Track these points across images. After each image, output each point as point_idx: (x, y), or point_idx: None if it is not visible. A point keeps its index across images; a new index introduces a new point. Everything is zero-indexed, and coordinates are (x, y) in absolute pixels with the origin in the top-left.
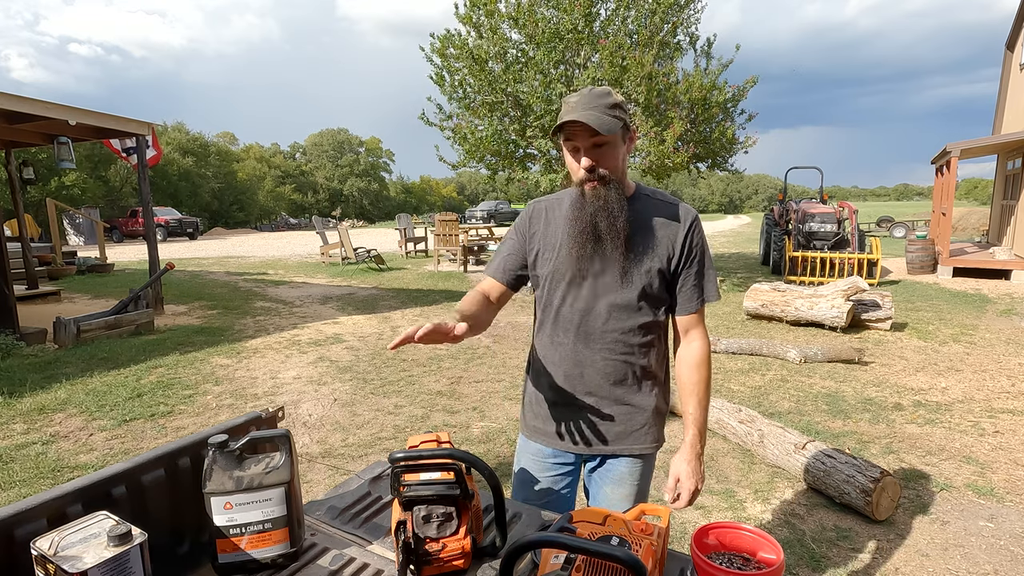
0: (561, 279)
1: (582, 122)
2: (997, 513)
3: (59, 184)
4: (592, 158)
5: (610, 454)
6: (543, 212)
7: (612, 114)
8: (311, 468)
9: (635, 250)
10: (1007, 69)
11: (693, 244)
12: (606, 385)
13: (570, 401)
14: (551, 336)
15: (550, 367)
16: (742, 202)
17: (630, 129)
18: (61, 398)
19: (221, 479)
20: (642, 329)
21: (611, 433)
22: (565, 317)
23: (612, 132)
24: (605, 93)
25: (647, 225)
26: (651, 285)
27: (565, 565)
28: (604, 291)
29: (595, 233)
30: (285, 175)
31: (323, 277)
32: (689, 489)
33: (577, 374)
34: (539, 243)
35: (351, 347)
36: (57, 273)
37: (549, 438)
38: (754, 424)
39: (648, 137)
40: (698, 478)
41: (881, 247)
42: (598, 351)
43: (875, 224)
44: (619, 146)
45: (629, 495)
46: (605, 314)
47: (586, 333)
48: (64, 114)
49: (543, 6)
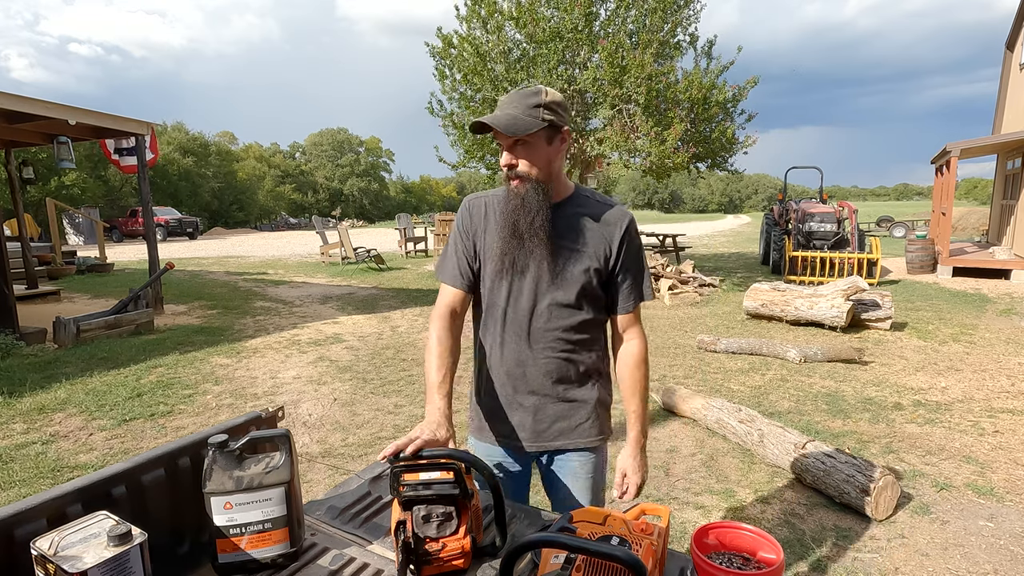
0: (501, 278)
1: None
2: (997, 513)
3: (59, 184)
4: (513, 155)
5: (556, 450)
6: (482, 207)
7: (532, 114)
8: (311, 468)
9: (572, 250)
10: (1007, 69)
11: (629, 245)
12: (548, 383)
13: (514, 400)
14: (493, 335)
15: (493, 366)
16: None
17: (560, 129)
18: (61, 398)
19: (221, 479)
20: (582, 327)
21: (556, 429)
22: (508, 317)
23: (520, 133)
24: (533, 93)
25: (583, 226)
26: (590, 284)
27: (565, 565)
28: (544, 290)
29: (516, 231)
30: (285, 175)
31: (323, 277)
32: (635, 483)
33: (520, 373)
34: (482, 241)
35: (351, 347)
36: (57, 273)
37: (497, 437)
38: (754, 424)
39: (649, 137)
40: (643, 472)
41: (881, 247)
42: (540, 350)
43: (875, 224)
44: (541, 146)
45: (585, 487)
46: (546, 313)
47: (527, 332)
48: (64, 114)
49: (544, 6)
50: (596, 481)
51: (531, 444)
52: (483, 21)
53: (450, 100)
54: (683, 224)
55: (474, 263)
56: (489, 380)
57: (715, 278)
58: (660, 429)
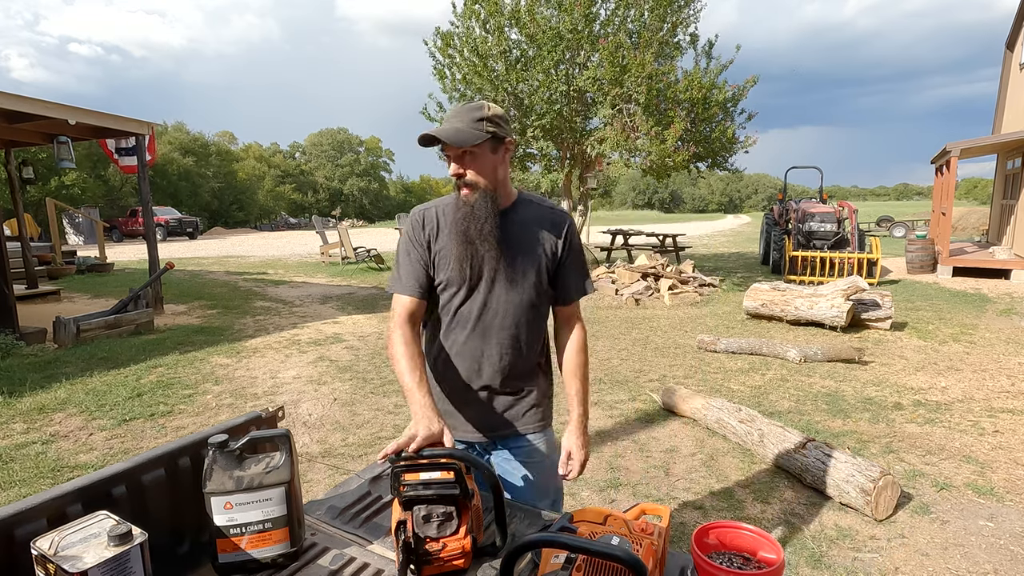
0: (456, 281)
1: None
2: (997, 512)
3: (59, 184)
4: (459, 165)
5: (510, 435)
6: (434, 218)
7: (476, 127)
8: (311, 468)
9: (522, 251)
10: (1007, 69)
11: (572, 244)
12: (501, 377)
13: (469, 394)
14: (448, 334)
15: (448, 364)
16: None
17: (503, 140)
18: (61, 398)
19: (221, 479)
20: (534, 324)
21: (507, 417)
22: (463, 315)
23: (464, 144)
24: (476, 107)
25: (531, 229)
26: (540, 283)
27: (565, 565)
28: (499, 291)
29: (467, 236)
30: (285, 175)
31: (323, 277)
32: (579, 461)
33: (475, 369)
34: (436, 248)
35: (351, 347)
36: (57, 273)
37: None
38: (754, 424)
39: (649, 137)
40: (587, 451)
41: (881, 247)
42: (495, 346)
43: (875, 224)
44: (486, 156)
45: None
46: (503, 312)
47: (484, 329)
48: (64, 113)
49: (544, 6)
50: (546, 466)
51: (487, 434)
52: (483, 22)
53: (450, 100)
54: (683, 224)
55: (429, 270)
56: (443, 377)
57: (715, 278)
58: (660, 429)
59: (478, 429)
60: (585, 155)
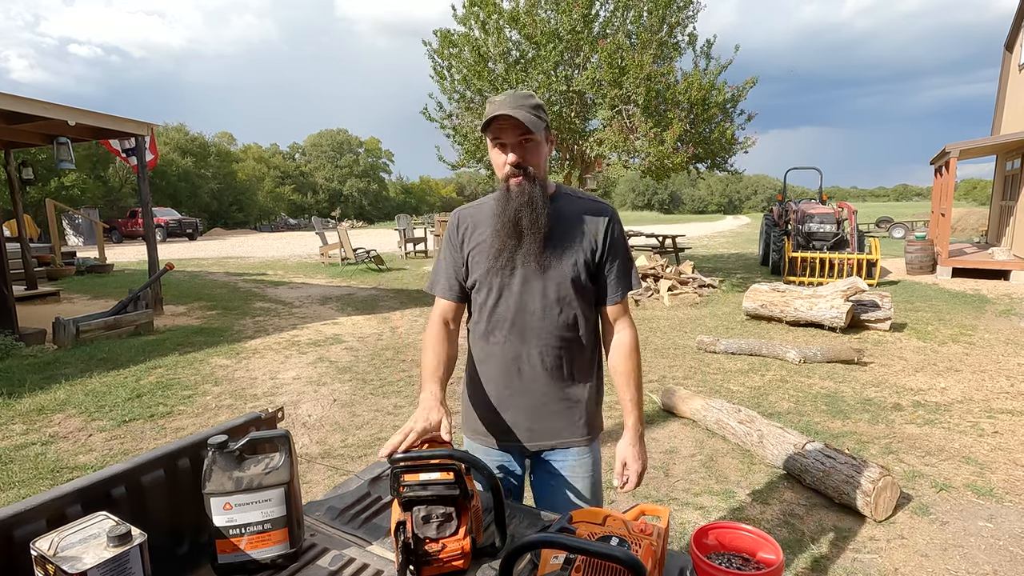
0: (494, 278)
1: (511, 117)
2: (996, 513)
3: (58, 184)
4: (519, 155)
5: (550, 447)
6: (468, 217)
7: (536, 114)
8: (311, 468)
9: (561, 246)
10: (1006, 70)
11: (614, 237)
12: (543, 380)
13: (509, 399)
14: (487, 336)
15: (488, 367)
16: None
17: (551, 131)
18: (60, 399)
19: (221, 480)
20: (575, 323)
21: (550, 428)
22: (500, 316)
23: (538, 130)
24: (528, 95)
25: (570, 221)
26: (579, 278)
27: (565, 565)
28: (537, 287)
29: (517, 228)
30: (284, 175)
31: (322, 278)
32: (636, 471)
33: (515, 371)
34: (468, 248)
35: (351, 347)
36: (56, 274)
37: (491, 438)
38: (753, 424)
39: (648, 138)
40: (643, 460)
41: (880, 248)
42: (534, 347)
43: (874, 225)
44: (543, 145)
45: (585, 486)
46: (540, 310)
47: (521, 330)
48: (63, 114)
49: (542, 7)
50: (595, 478)
51: (528, 443)
52: (482, 23)
53: (449, 101)
54: (683, 225)
55: (462, 272)
56: (483, 381)
57: (715, 279)
58: (660, 430)
59: (519, 438)
60: (584, 156)
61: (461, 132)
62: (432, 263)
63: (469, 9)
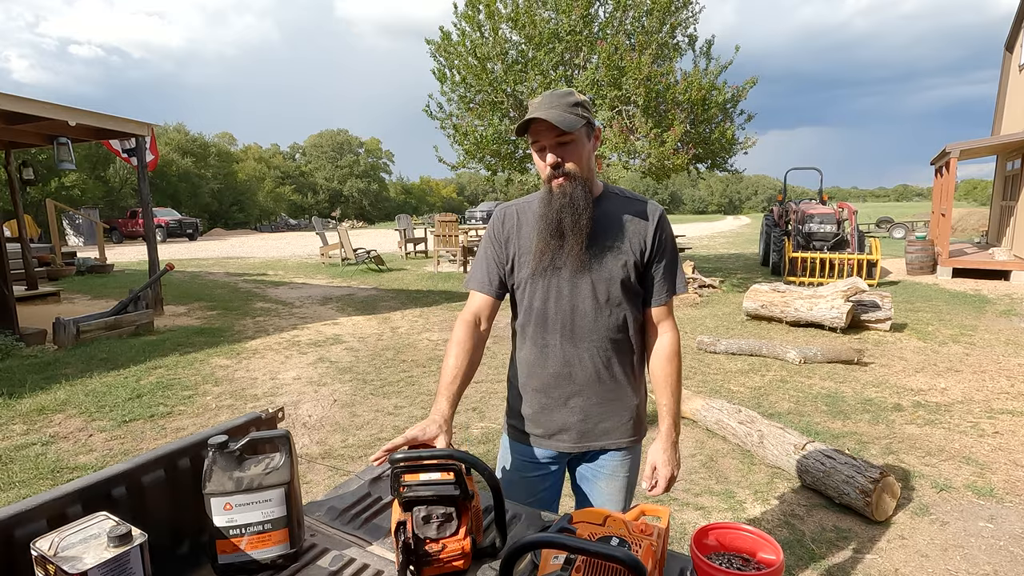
0: (540, 279)
1: (545, 120)
2: (997, 514)
3: (59, 185)
4: (557, 155)
5: (600, 449)
6: (514, 215)
7: (574, 112)
8: (311, 469)
9: (609, 246)
10: (1006, 70)
11: (662, 238)
12: (594, 382)
13: (559, 401)
14: (535, 338)
15: (537, 369)
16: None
17: (594, 127)
18: (61, 399)
19: (221, 480)
20: (625, 324)
21: (600, 429)
22: (551, 318)
23: (574, 128)
24: (567, 93)
25: (618, 222)
26: (628, 279)
27: (565, 566)
28: (586, 289)
29: (559, 229)
30: (285, 176)
31: (323, 278)
32: (665, 476)
33: (566, 373)
34: (515, 246)
35: (351, 348)
36: (57, 274)
37: (538, 439)
38: (754, 425)
39: (648, 139)
40: (674, 465)
41: (880, 248)
42: (585, 349)
43: (874, 225)
44: (583, 143)
45: (622, 488)
46: (592, 312)
47: (573, 332)
48: (64, 115)
49: (542, 7)
50: (631, 480)
51: (575, 445)
52: (478, 24)
53: (449, 102)
54: (683, 225)
55: (505, 268)
56: (531, 383)
57: (715, 279)
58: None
59: (569, 439)
60: None
61: (461, 131)
62: (431, 263)
63: (469, 8)
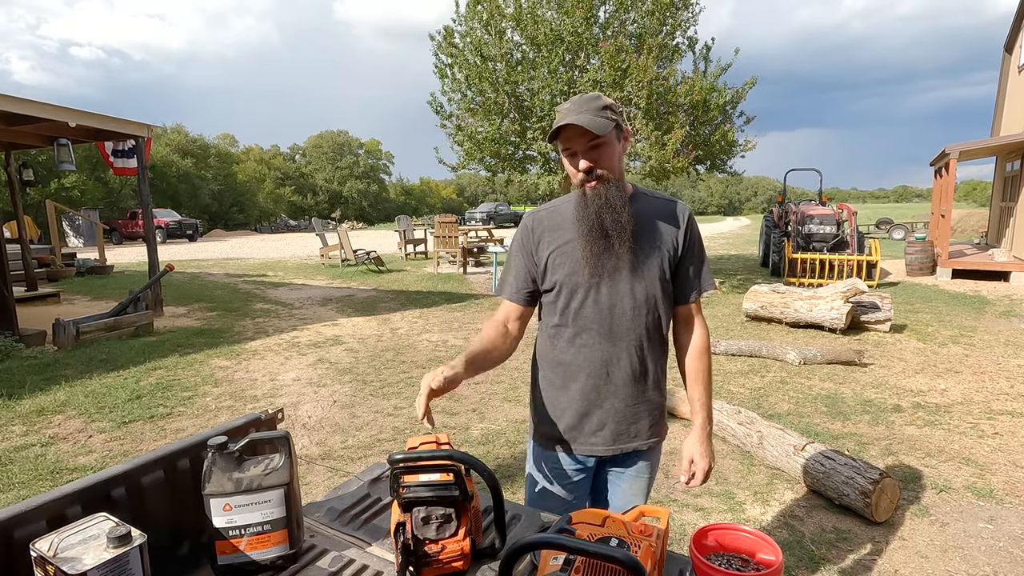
0: (580, 281)
1: (576, 125)
2: (996, 515)
3: (59, 186)
4: (589, 159)
5: (632, 450)
6: (543, 220)
7: (603, 115)
8: (310, 470)
9: (644, 246)
10: (1005, 71)
11: (692, 237)
12: (630, 383)
13: (595, 404)
14: (572, 340)
15: (574, 370)
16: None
17: (623, 129)
18: (60, 400)
19: (220, 481)
20: (658, 323)
21: (632, 430)
22: (589, 318)
23: (604, 132)
24: (595, 96)
25: (651, 222)
26: (664, 277)
27: (564, 566)
28: (625, 288)
29: (602, 229)
30: (285, 177)
31: (323, 279)
32: (703, 469)
33: (603, 375)
34: (547, 251)
35: (351, 349)
36: (56, 275)
37: (571, 444)
38: (753, 426)
39: (649, 141)
40: (710, 458)
41: (880, 249)
42: (624, 349)
43: (874, 226)
44: (614, 146)
45: (644, 487)
46: (631, 312)
47: (612, 332)
48: (64, 116)
49: (544, 8)
50: (651, 479)
51: (609, 447)
52: (484, 23)
53: (450, 102)
54: None
55: (536, 272)
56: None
57: (715, 280)
58: None
59: (603, 441)
60: None
61: (464, 132)
62: (431, 264)
63: (472, 8)
